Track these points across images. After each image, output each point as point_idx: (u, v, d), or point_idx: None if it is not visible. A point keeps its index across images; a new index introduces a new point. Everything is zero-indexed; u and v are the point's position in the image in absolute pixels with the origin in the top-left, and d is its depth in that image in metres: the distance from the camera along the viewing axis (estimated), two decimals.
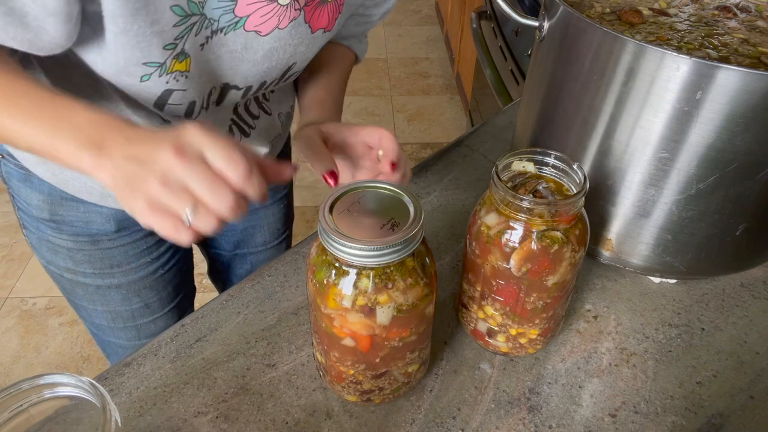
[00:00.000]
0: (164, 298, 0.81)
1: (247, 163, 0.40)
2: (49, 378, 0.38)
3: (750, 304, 0.61)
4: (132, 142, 0.42)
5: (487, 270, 0.49)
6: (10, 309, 1.83)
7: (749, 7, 0.60)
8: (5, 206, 2.23)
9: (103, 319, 0.79)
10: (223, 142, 0.40)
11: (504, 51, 1.58)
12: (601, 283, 0.63)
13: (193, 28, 0.51)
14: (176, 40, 0.51)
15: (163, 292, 0.81)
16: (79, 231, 0.70)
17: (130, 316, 0.79)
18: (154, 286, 0.79)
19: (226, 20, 0.53)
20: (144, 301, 0.79)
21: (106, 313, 0.78)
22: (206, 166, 0.39)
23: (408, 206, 0.43)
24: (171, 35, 0.50)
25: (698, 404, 0.52)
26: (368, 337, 0.44)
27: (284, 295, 0.61)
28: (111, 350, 0.85)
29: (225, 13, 0.52)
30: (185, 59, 0.53)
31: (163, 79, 0.53)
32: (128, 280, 0.76)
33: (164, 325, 0.82)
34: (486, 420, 0.50)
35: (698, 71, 0.46)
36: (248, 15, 0.54)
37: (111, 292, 0.76)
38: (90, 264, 0.73)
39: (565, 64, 0.56)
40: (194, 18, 0.50)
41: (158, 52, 0.50)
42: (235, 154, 0.40)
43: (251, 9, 0.53)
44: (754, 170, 0.50)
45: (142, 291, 0.78)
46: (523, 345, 0.53)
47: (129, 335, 0.81)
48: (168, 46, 0.51)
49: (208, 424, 0.50)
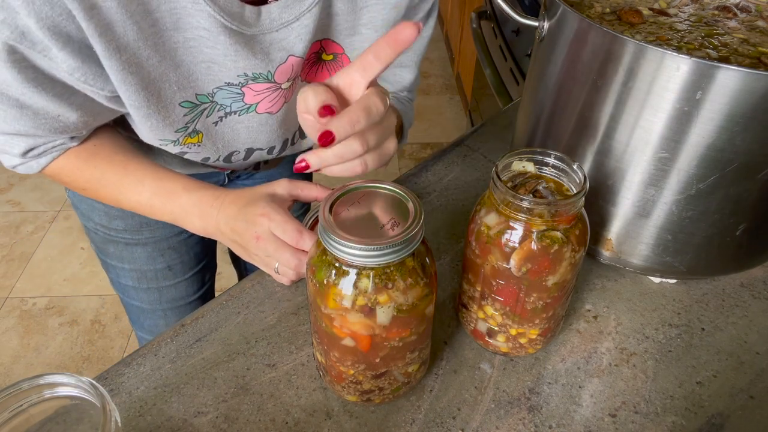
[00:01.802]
0: (186, 263, 0.89)
1: (297, 229, 0.56)
2: (49, 378, 0.38)
3: (750, 304, 0.61)
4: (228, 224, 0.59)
5: (487, 270, 0.49)
6: (10, 309, 1.83)
7: (749, 7, 0.60)
8: (5, 206, 2.23)
9: (129, 279, 0.87)
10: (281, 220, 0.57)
11: (504, 51, 1.58)
12: (601, 283, 0.63)
13: (203, 112, 0.59)
14: (187, 124, 0.59)
15: (186, 257, 0.88)
16: None
17: (153, 277, 0.87)
18: (178, 248, 0.87)
19: (237, 106, 0.60)
20: (167, 263, 0.87)
21: (133, 272, 0.86)
22: (274, 239, 0.57)
23: (408, 206, 0.43)
24: (182, 122, 0.58)
25: (698, 404, 0.52)
26: (368, 337, 0.44)
27: (284, 295, 0.61)
28: (135, 316, 0.93)
29: (235, 102, 0.59)
30: (197, 135, 0.61)
31: (177, 148, 0.62)
32: (155, 239, 0.84)
33: (184, 292, 0.91)
34: (486, 420, 0.50)
35: (698, 71, 0.46)
36: (258, 102, 0.60)
37: (138, 249, 0.84)
38: (122, 220, 0.81)
39: (564, 64, 0.56)
40: (204, 105, 0.58)
41: (171, 134, 0.59)
42: (288, 225, 0.56)
43: (259, 98, 0.60)
44: (754, 170, 0.50)
45: (167, 251, 0.86)
46: (523, 345, 0.53)
47: (152, 298, 0.89)
48: (180, 130, 0.59)
49: (208, 424, 0.50)
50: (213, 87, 0.56)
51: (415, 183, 0.76)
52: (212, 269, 0.98)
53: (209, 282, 0.97)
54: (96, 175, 0.62)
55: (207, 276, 0.96)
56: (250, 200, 0.59)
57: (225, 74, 0.55)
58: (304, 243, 0.57)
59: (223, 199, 0.60)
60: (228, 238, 0.60)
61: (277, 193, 0.60)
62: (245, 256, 0.61)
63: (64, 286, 1.91)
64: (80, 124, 0.57)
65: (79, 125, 0.57)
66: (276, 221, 0.57)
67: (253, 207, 0.58)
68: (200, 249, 0.91)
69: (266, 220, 0.57)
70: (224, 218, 0.59)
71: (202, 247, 0.92)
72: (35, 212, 2.21)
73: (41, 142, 0.58)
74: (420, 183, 0.76)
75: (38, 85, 0.49)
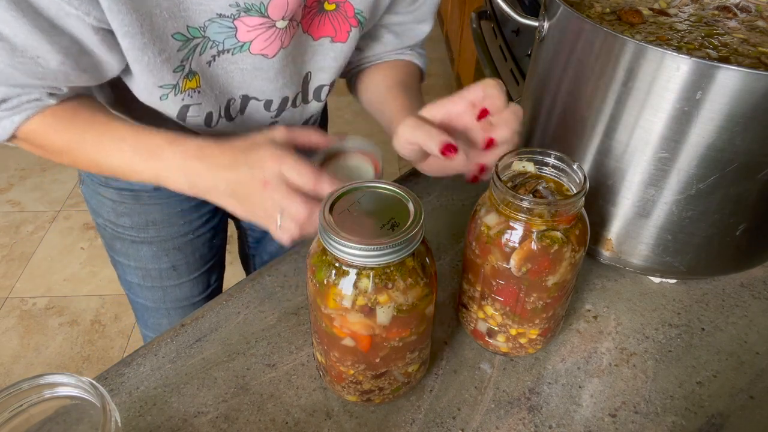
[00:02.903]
0: (191, 264, 0.88)
1: (314, 172, 0.51)
2: (49, 378, 0.38)
3: (750, 304, 0.61)
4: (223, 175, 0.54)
5: (487, 270, 0.49)
6: (10, 309, 1.83)
7: (749, 7, 0.60)
8: (5, 206, 2.24)
9: (135, 276, 0.87)
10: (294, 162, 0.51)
11: (504, 51, 1.57)
12: (601, 283, 0.63)
13: (196, 49, 0.56)
14: (182, 62, 0.56)
15: (191, 258, 0.87)
16: (123, 186, 0.78)
17: (157, 276, 0.86)
18: (183, 248, 0.86)
19: (230, 43, 0.57)
20: (172, 263, 0.86)
21: (138, 270, 0.86)
22: (285, 185, 0.51)
23: (408, 206, 0.43)
24: (177, 59, 0.56)
25: (698, 404, 0.52)
26: (368, 337, 0.44)
27: (284, 295, 0.61)
28: (140, 313, 0.92)
29: (228, 38, 0.57)
30: (194, 77, 0.58)
31: (179, 97, 0.59)
32: (160, 238, 0.83)
33: (188, 293, 0.90)
34: (486, 420, 0.50)
35: (698, 71, 0.46)
36: (251, 40, 0.58)
37: (144, 247, 0.83)
38: (129, 217, 0.81)
39: (565, 64, 0.56)
40: (196, 40, 0.56)
41: (169, 75, 0.56)
42: (303, 168, 0.51)
43: (253, 35, 0.57)
44: (754, 170, 0.50)
45: (171, 251, 0.85)
46: (523, 345, 0.53)
47: (156, 296, 0.88)
48: (177, 69, 0.56)
49: (208, 424, 0.50)
50: (204, 19, 0.54)
51: (415, 183, 0.76)
52: (220, 271, 0.97)
53: (216, 283, 0.96)
54: (75, 136, 0.58)
55: (213, 277, 0.95)
56: (250, 146, 0.53)
57: (216, 4, 0.53)
58: (322, 186, 0.50)
59: (212, 149, 0.54)
60: (221, 192, 0.54)
61: (276, 138, 0.55)
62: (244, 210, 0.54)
63: (64, 286, 1.91)
64: (60, 75, 0.53)
65: (59, 75, 0.53)
66: (289, 164, 0.51)
67: (256, 151, 0.52)
68: (207, 250, 0.90)
69: (276, 164, 0.51)
70: (217, 169, 0.54)
71: (209, 249, 0.91)
72: (35, 212, 2.21)
73: (15, 93, 0.54)
74: (420, 183, 0.76)
75: (21, 11, 0.46)
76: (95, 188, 0.81)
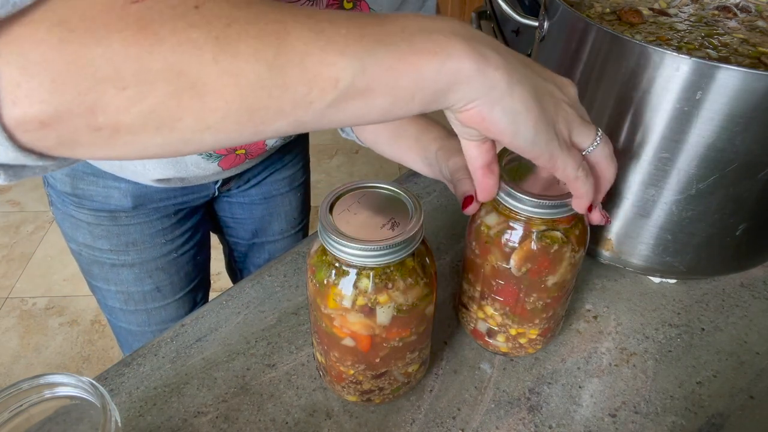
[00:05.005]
0: (176, 284, 0.84)
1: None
2: (49, 378, 0.38)
3: (750, 304, 0.61)
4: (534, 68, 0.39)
5: (487, 270, 0.49)
6: (10, 309, 1.83)
7: (749, 7, 0.60)
8: (5, 206, 2.23)
9: (116, 301, 0.82)
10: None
11: None
12: (601, 283, 0.63)
13: None
14: None
15: (175, 277, 0.84)
16: (98, 206, 0.75)
17: (141, 299, 0.82)
18: (167, 268, 0.82)
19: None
20: (155, 284, 0.82)
21: (119, 294, 0.82)
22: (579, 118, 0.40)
23: (408, 206, 0.43)
24: None
25: (698, 404, 0.52)
26: (368, 337, 0.44)
27: (284, 295, 0.61)
28: (123, 338, 0.88)
29: None
30: None
31: None
32: (141, 259, 0.79)
33: (174, 314, 0.86)
34: (486, 420, 0.50)
35: (698, 71, 0.46)
36: None
37: (124, 271, 0.80)
38: (107, 240, 0.77)
39: (565, 64, 0.56)
40: None
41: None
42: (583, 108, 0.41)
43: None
44: (754, 170, 0.50)
45: (154, 272, 0.81)
46: (523, 345, 0.53)
47: (140, 320, 0.84)
48: None
49: (208, 424, 0.50)
50: None
51: (415, 183, 0.76)
52: (205, 288, 0.94)
53: (202, 302, 0.93)
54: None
55: (199, 296, 0.91)
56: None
57: None
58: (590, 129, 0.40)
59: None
60: (530, 82, 0.36)
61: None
62: (536, 112, 0.36)
63: (64, 286, 1.91)
64: None
65: None
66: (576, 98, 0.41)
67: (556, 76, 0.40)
68: (191, 268, 0.87)
69: (575, 90, 0.41)
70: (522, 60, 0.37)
71: (194, 266, 0.87)
72: (35, 212, 2.21)
73: None
74: (420, 183, 0.76)
75: None
76: (67, 210, 0.77)
